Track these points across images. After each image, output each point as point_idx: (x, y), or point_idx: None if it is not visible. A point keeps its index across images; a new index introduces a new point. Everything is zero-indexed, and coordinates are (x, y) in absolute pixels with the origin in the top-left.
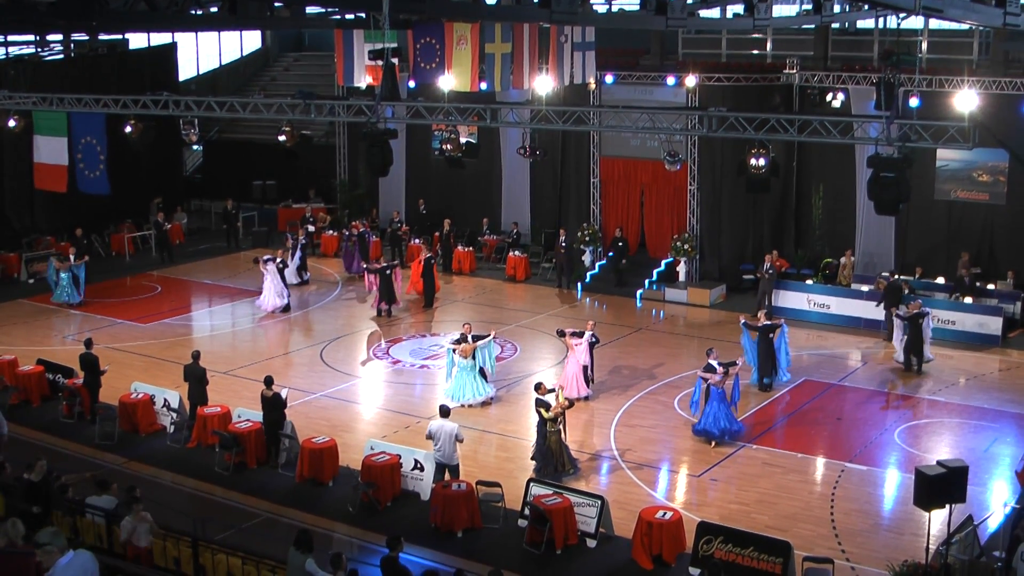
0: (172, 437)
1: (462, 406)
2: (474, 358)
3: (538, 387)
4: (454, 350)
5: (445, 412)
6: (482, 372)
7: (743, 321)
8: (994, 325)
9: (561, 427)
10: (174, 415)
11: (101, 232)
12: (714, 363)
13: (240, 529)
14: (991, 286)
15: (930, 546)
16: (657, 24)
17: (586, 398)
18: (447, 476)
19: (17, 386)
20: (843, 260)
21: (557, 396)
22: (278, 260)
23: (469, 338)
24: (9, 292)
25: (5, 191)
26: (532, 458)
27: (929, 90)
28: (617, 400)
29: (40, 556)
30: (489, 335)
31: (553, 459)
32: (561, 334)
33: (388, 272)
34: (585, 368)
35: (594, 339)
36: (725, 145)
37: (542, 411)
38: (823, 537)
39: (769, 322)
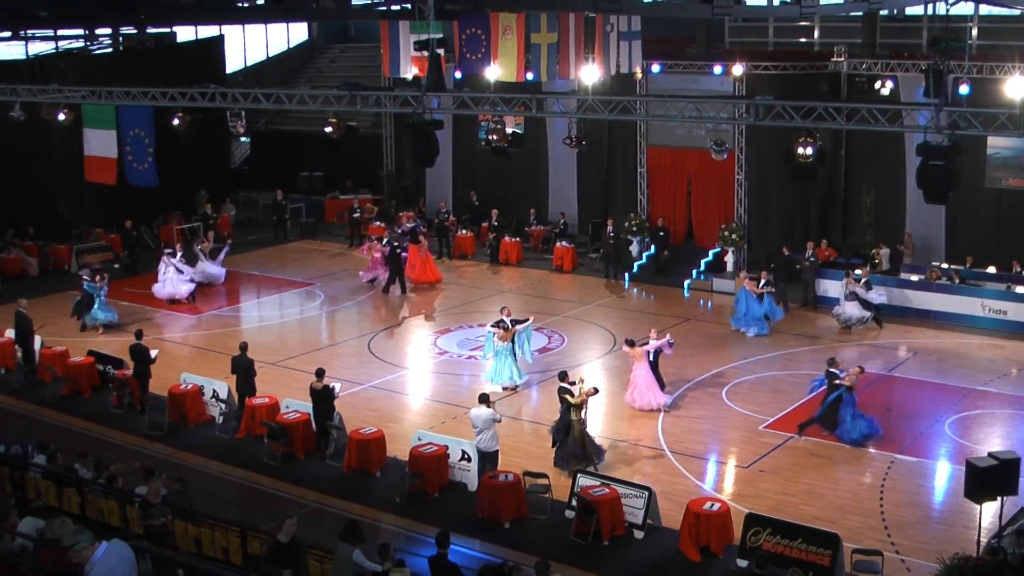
0: (221, 427)
1: (503, 389)
2: (513, 342)
3: (563, 376)
4: (494, 333)
5: (483, 399)
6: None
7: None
8: None
9: (584, 416)
10: (223, 406)
11: (150, 224)
12: (836, 371)
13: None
14: None
15: (981, 539)
16: (703, 12)
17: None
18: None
19: (68, 377)
20: (874, 251)
21: (579, 386)
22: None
23: (508, 322)
24: (60, 284)
25: (56, 184)
26: (553, 445)
27: (979, 77)
28: (665, 391)
29: (73, 557)
30: (528, 320)
31: (581, 452)
32: (631, 344)
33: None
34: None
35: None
36: (772, 134)
37: (568, 397)
38: (872, 529)
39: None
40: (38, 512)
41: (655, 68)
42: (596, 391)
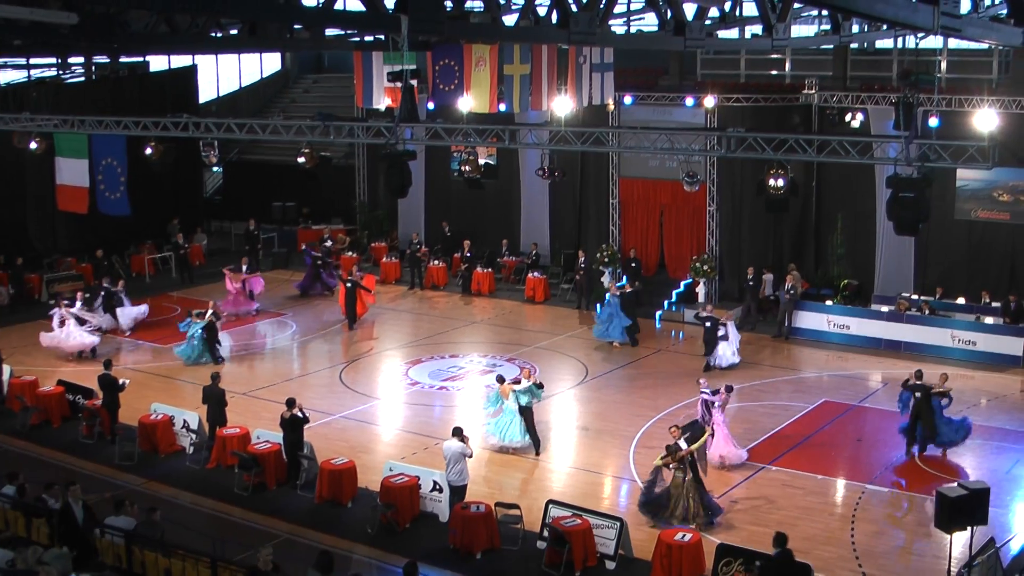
0: (191, 458)
1: (502, 448)
2: (519, 402)
3: (671, 429)
4: (499, 389)
5: (456, 432)
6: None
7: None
8: (1015, 346)
9: (687, 472)
10: (193, 436)
11: (122, 253)
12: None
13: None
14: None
15: (952, 568)
16: (676, 45)
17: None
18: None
19: (38, 407)
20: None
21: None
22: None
23: (523, 381)
24: (30, 313)
25: (28, 212)
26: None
27: (948, 110)
28: (636, 422)
29: (42, 572)
30: (528, 382)
31: (668, 505)
32: (729, 390)
33: (351, 286)
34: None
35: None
36: (744, 165)
37: (666, 457)
38: (844, 559)
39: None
40: (6, 543)
41: (627, 100)
42: (679, 453)
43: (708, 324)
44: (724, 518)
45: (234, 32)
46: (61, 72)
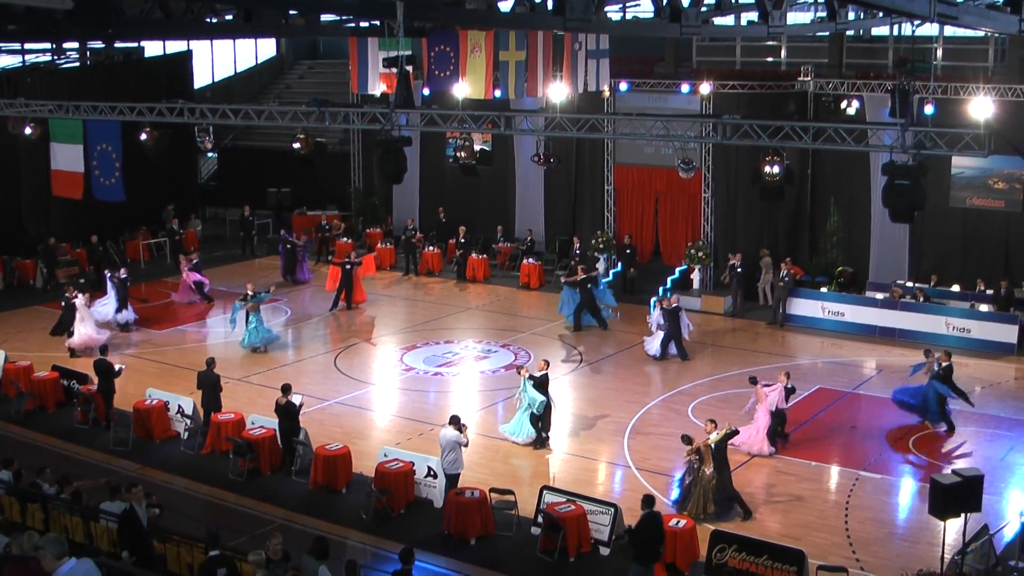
0: (186, 443)
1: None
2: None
3: (707, 424)
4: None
5: (453, 420)
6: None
7: (563, 280)
8: (1010, 333)
9: (709, 466)
10: (188, 421)
11: (116, 239)
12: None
13: (254, 536)
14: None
15: (945, 555)
16: (671, 32)
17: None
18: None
19: (32, 392)
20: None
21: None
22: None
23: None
24: (25, 298)
25: (22, 198)
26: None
27: (944, 97)
28: (631, 408)
29: (40, 558)
30: (525, 376)
31: (692, 497)
32: (753, 381)
33: (349, 268)
34: (776, 421)
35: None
36: (739, 152)
37: (693, 451)
38: (837, 546)
39: (585, 276)
40: (1, 529)
41: (623, 86)
42: (695, 445)
43: (681, 314)
44: None
45: (229, 18)
46: (56, 57)
